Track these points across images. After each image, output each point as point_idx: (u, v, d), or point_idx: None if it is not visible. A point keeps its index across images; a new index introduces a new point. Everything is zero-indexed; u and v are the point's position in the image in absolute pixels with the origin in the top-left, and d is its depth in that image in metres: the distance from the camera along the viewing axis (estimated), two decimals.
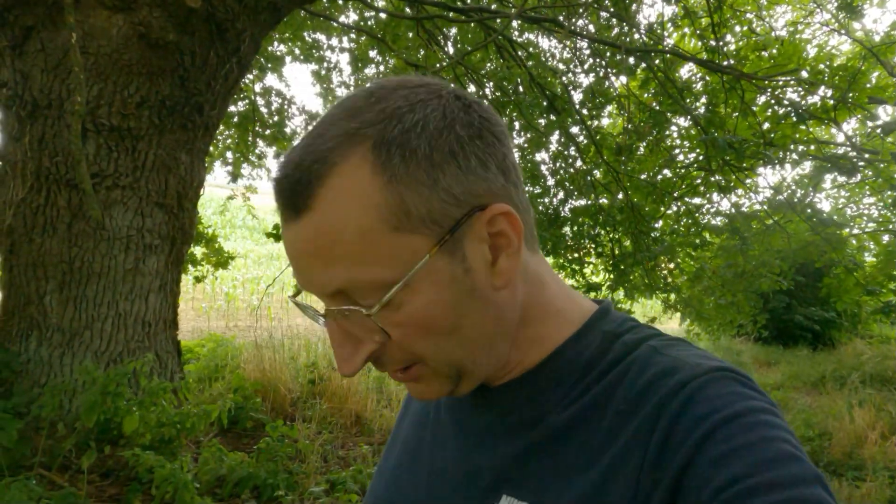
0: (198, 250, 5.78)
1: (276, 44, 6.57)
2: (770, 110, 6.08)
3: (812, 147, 6.78)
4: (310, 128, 0.49)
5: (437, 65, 5.42)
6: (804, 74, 5.71)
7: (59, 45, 2.79)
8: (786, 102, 5.61)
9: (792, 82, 5.68)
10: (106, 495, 2.51)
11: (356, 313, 0.47)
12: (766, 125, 5.97)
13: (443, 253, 0.46)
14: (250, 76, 6.55)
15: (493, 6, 5.15)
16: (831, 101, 5.49)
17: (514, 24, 6.19)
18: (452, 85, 0.52)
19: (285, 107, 7.00)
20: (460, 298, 0.48)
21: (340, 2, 5.64)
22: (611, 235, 6.14)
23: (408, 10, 4.53)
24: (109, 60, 2.82)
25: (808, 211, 5.79)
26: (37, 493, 2.06)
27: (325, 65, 7.00)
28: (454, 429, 0.59)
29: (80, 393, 2.77)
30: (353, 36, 6.49)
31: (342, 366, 0.49)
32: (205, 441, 3.23)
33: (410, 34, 5.34)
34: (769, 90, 5.56)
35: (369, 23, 5.74)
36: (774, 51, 6.65)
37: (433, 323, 0.47)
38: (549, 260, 7.37)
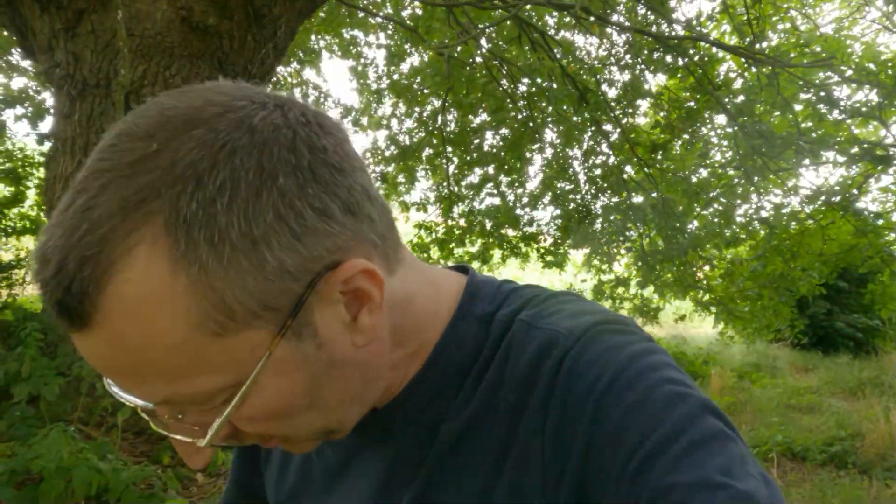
0: None
1: (314, 38, 6.75)
2: (812, 108, 5.93)
3: (856, 148, 6.56)
4: (72, 185, 0.36)
5: (471, 58, 5.48)
6: (849, 73, 5.55)
7: (107, 27, 2.96)
8: (826, 98, 5.46)
9: (835, 79, 5.53)
10: (138, 451, 2.65)
11: (191, 414, 0.40)
12: (810, 123, 5.83)
13: (288, 339, 0.38)
14: (289, 69, 6.75)
15: None
16: (877, 100, 5.32)
17: (550, 21, 6.21)
18: (268, 91, 0.41)
19: (321, 100, 7.18)
20: (316, 376, 0.41)
21: None
22: (641, 232, 6.09)
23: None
24: (153, 42, 2.98)
25: (851, 212, 5.61)
26: (74, 440, 2.20)
27: (362, 61, 7.16)
28: (343, 460, 0.55)
29: None
30: (389, 31, 6.62)
31: (191, 462, 0.43)
32: None
33: (450, 30, 5.42)
34: (811, 88, 5.42)
35: (403, 13, 5.85)
36: (818, 48, 6.48)
37: (287, 409, 0.41)
38: (579, 255, 7.35)
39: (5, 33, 3.80)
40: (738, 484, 0.35)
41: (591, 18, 4.41)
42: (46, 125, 4.50)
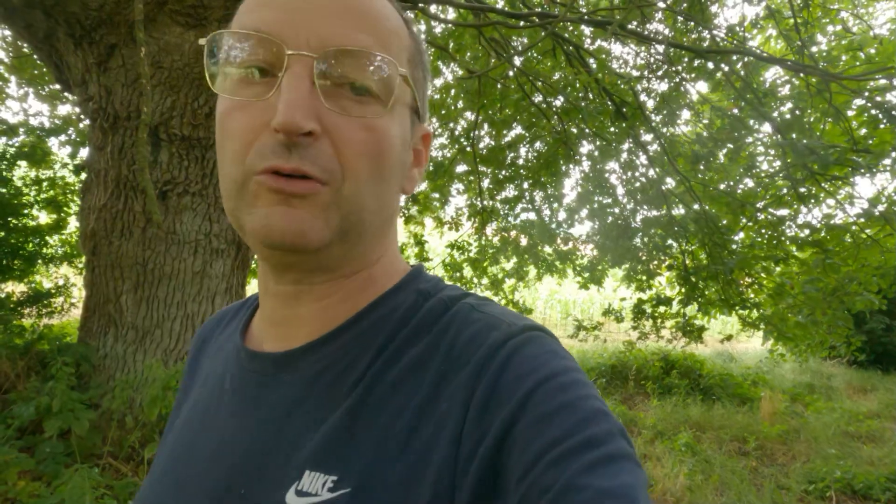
0: None
1: None
2: (866, 114, 5.60)
3: None
4: None
5: (505, 73, 5.38)
6: None
7: (137, 61, 2.99)
8: (885, 106, 5.15)
9: (893, 83, 5.20)
10: None
11: (373, 66, 0.47)
12: (864, 131, 5.50)
13: (410, 114, 0.53)
14: None
15: (558, 11, 5.06)
16: None
17: (587, 30, 6.07)
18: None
19: None
20: (399, 159, 0.51)
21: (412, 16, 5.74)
22: (683, 248, 5.85)
23: (470, 20, 4.54)
24: (181, 74, 2.99)
25: None
26: (98, 482, 2.18)
27: None
28: (249, 402, 0.54)
29: (144, 388, 2.92)
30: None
31: (290, 110, 0.44)
32: None
33: (480, 48, 5.35)
34: (866, 92, 5.11)
35: (435, 31, 5.81)
36: (872, 50, 6.13)
37: (381, 156, 0.48)
38: (619, 272, 7.12)
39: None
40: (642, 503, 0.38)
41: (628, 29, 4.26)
42: (87, 152, 4.64)
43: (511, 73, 5.38)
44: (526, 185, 6.32)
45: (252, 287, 5.02)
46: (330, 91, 0.46)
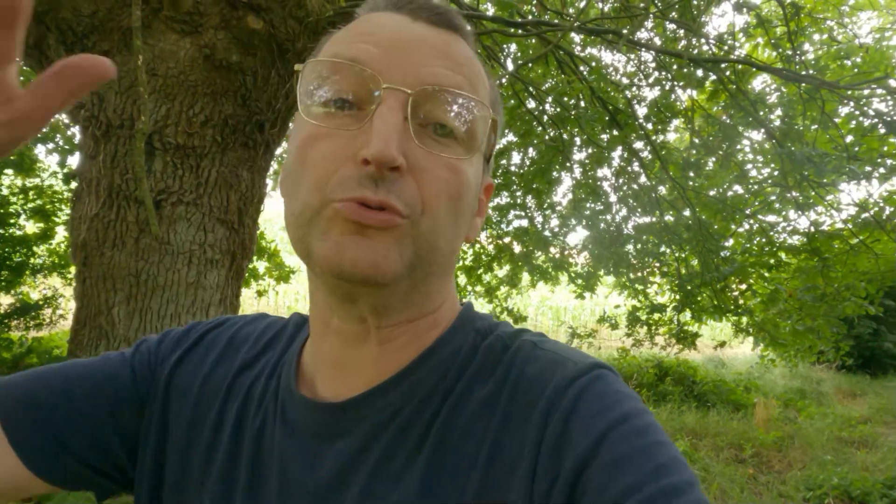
0: (261, 265, 5.94)
1: None
2: (854, 122, 5.68)
3: None
4: None
5: (497, 81, 5.38)
6: (892, 83, 5.31)
7: (131, 68, 2.93)
8: (871, 113, 5.22)
9: (879, 91, 5.28)
10: None
11: (462, 103, 0.48)
12: (850, 138, 5.57)
13: (482, 162, 0.54)
14: None
15: (553, 20, 5.08)
16: None
17: (576, 38, 6.09)
18: None
19: None
20: (471, 204, 0.51)
21: None
22: (676, 254, 5.87)
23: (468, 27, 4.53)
24: (177, 82, 2.93)
25: None
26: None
27: None
28: (308, 455, 0.51)
29: None
30: None
31: (384, 142, 0.43)
32: None
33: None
34: (852, 101, 5.18)
35: None
36: (858, 59, 6.22)
37: (459, 197, 0.49)
38: (611, 279, 7.13)
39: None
40: None
41: (618, 39, 4.27)
42: (76, 159, 4.54)
43: (504, 80, 5.38)
44: (518, 193, 6.32)
45: (245, 297, 4.94)
46: (418, 130, 0.47)
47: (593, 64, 5.94)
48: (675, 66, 5.53)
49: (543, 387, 0.46)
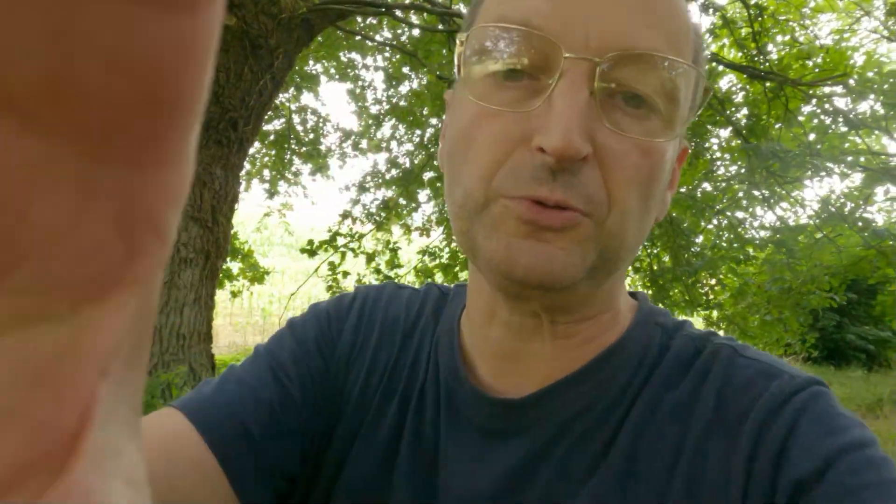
0: (234, 266, 5.87)
1: (311, 63, 6.70)
2: (816, 120, 5.86)
3: (863, 158, 6.52)
4: None
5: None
6: (851, 82, 5.50)
7: None
8: (830, 110, 5.40)
9: (840, 90, 5.47)
10: None
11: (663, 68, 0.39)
12: (812, 136, 5.76)
13: (676, 139, 0.44)
14: (287, 95, 6.69)
15: None
16: (881, 111, 5.27)
17: None
18: None
19: (320, 125, 7.11)
20: (663, 184, 0.44)
21: (374, 21, 5.72)
22: (649, 251, 5.98)
23: (440, 25, 4.56)
24: None
25: (860, 224, 5.54)
26: None
27: (360, 83, 7.10)
28: (478, 453, 0.47)
29: None
30: (387, 54, 6.56)
31: (567, 132, 0.37)
32: None
33: (445, 51, 5.36)
34: (814, 99, 5.36)
35: (402, 39, 5.80)
36: (819, 59, 6.43)
37: (651, 184, 0.41)
38: None
39: None
40: None
41: None
42: None
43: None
44: None
45: (218, 299, 4.88)
46: (605, 102, 0.39)
47: None
48: None
49: (755, 398, 0.41)
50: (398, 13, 4.26)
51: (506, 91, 0.40)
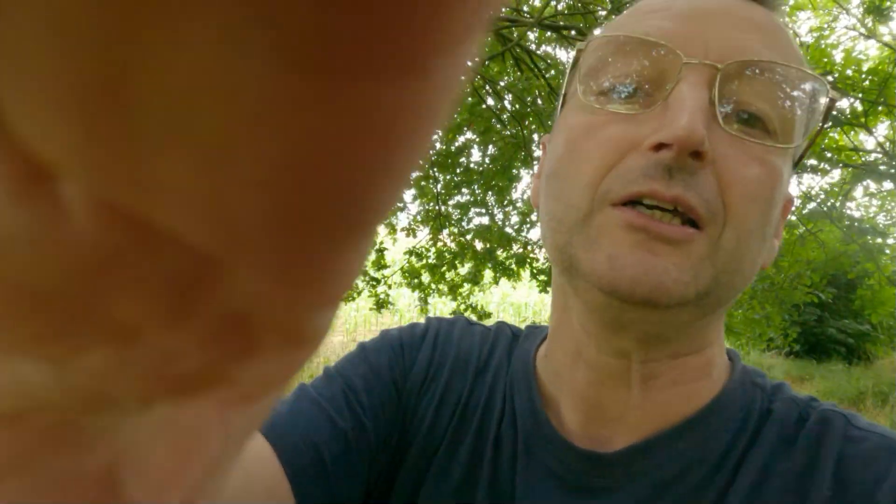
0: None
1: None
2: None
3: (842, 154, 6.60)
4: None
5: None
6: (830, 79, 5.57)
7: None
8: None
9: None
10: None
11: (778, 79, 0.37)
12: None
13: (791, 167, 0.42)
14: None
15: (508, 15, 5.11)
16: (860, 108, 5.34)
17: (532, 35, 6.13)
18: None
19: None
20: (776, 217, 0.40)
21: None
22: None
23: None
24: None
25: (845, 221, 5.62)
26: None
27: None
28: None
29: None
30: None
31: (683, 118, 0.34)
32: None
33: None
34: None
35: None
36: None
37: (771, 203, 0.38)
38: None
39: None
40: None
41: (581, 36, 4.32)
42: None
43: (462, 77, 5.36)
44: (478, 190, 6.33)
45: None
46: (722, 113, 0.37)
47: (549, 61, 6.00)
48: None
49: (880, 476, 0.38)
50: None
51: (621, 99, 0.39)
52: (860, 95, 5.50)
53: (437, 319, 0.58)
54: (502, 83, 5.66)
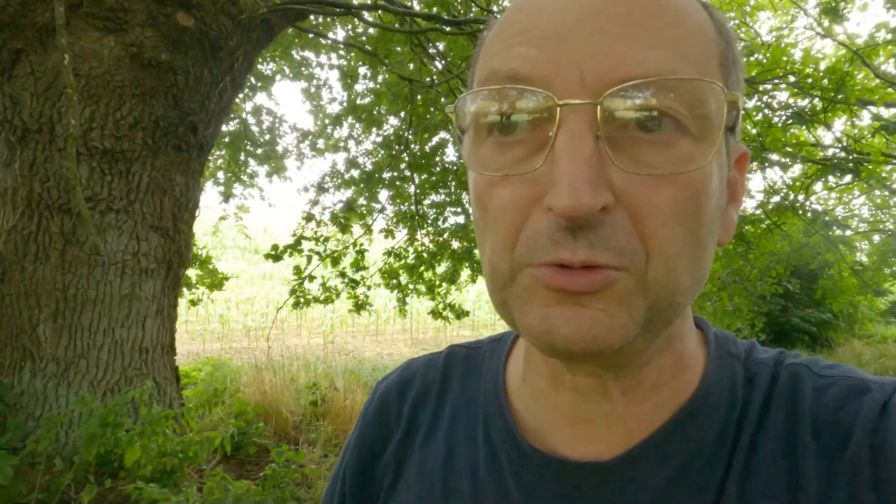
0: (192, 273, 5.69)
1: (264, 62, 6.54)
2: (760, 114, 6.12)
3: (802, 149, 6.85)
4: None
5: (429, 78, 5.41)
6: (791, 78, 5.77)
7: (48, 67, 2.73)
8: (776, 105, 5.66)
9: (783, 86, 5.73)
10: None
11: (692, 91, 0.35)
12: (754, 130, 6.02)
13: (724, 137, 0.38)
14: (240, 95, 6.52)
15: (480, 16, 5.16)
16: (819, 106, 5.55)
17: None
18: None
19: (276, 125, 6.96)
20: (717, 208, 0.39)
21: (330, 19, 5.63)
22: None
23: (396, 25, 4.53)
24: (101, 82, 2.76)
25: (808, 214, 5.83)
26: None
27: (315, 82, 6.98)
28: None
29: (77, 425, 2.67)
30: (342, 52, 6.47)
31: (573, 189, 0.33)
32: (207, 469, 3.13)
33: (398, 48, 5.33)
34: (756, 94, 5.60)
35: (361, 38, 5.73)
36: (760, 56, 6.71)
37: (696, 216, 0.36)
38: None
39: None
40: None
41: None
42: None
43: (436, 79, 5.41)
44: (454, 189, 6.37)
45: (180, 307, 4.71)
46: (617, 138, 0.35)
47: None
48: None
49: (852, 420, 0.39)
50: (366, 15, 4.21)
51: (509, 151, 0.37)
52: (819, 94, 5.70)
53: (385, 382, 0.61)
54: None
